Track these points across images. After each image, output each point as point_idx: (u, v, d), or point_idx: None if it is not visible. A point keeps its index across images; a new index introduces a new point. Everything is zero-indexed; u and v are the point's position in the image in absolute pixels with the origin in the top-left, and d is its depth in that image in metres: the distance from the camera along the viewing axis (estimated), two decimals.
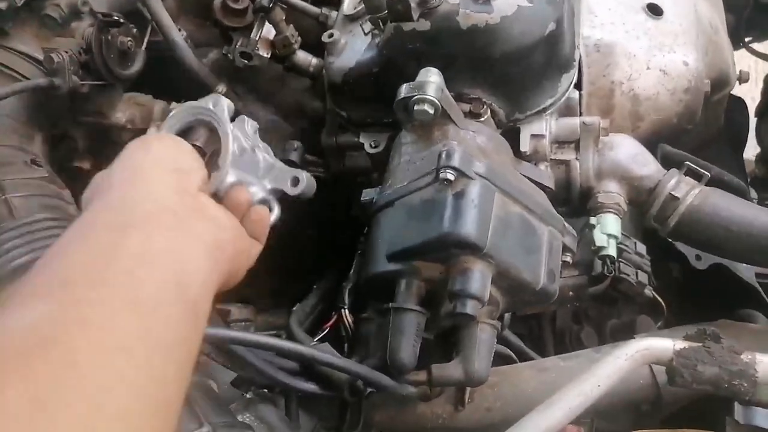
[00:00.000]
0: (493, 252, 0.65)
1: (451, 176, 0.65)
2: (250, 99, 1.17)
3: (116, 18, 0.94)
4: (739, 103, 1.62)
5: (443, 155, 0.66)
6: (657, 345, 0.67)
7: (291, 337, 0.77)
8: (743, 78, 1.31)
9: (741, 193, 1.23)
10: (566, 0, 0.85)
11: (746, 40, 1.67)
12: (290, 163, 1.09)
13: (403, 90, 0.74)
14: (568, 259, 0.76)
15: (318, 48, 1.02)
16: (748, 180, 1.63)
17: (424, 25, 0.78)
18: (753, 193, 1.62)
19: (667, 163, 1.04)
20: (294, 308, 0.85)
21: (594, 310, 1.05)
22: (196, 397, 0.59)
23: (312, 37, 1.05)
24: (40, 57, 0.92)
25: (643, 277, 0.99)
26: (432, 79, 0.74)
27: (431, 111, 0.73)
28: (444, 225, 0.65)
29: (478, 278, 0.64)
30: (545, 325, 1.02)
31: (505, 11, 0.77)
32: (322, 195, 1.21)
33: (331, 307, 0.83)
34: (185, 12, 1.30)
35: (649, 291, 1.00)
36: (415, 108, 0.73)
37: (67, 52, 0.89)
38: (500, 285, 0.69)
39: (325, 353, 0.65)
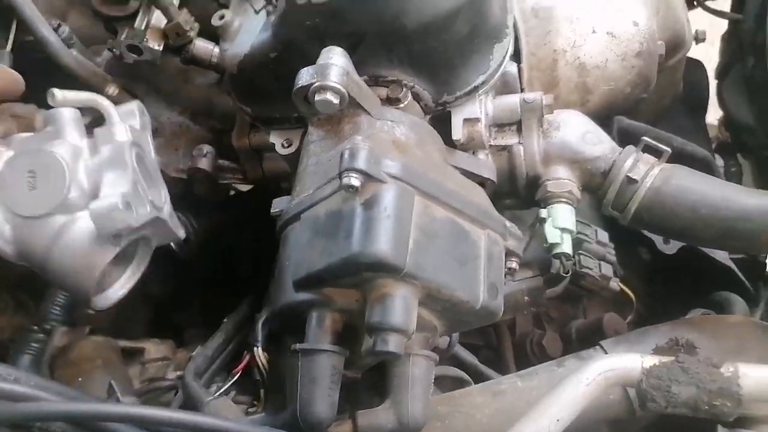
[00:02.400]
0: (416, 271, 0.52)
1: (356, 181, 0.52)
2: (151, 99, 1.02)
3: None
4: (698, 66, 1.52)
5: (345, 156, 0.53)
6: (622, 364, 0.56)
7: (185, 391, 0.63)
8: (699, 37, 1.21)
9: (707, 164, 1.13)
10: None
11: None
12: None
13: (302, 76, 0.61)
14: (514, 265, 0.64)
15: None
16: (713, 146, 1.54)
17: None
18: (720, 161, 1.54)
19: (625, 137, 0.93)
20: (194, 352, 0.71)
21: (556, 310, 0.94)
22: None
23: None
24: None
25: (607, 269, 0.89)
26: (335, 60, 0.61)
27: (335, 101, 0.60)
28: (352, 243, 0.52)
29: (400, 306, 0.52)
30: (504, 332, 0.91)
31: None
32: (255, 200, 1.09)
33: (245, 343, 0.70)
34: (77, 5, 1.15)
35: (615, 283, 0.90)
36: (316, 98, 0.60)
37: None
38: (433, 307, 0.57)
39: (211, 418, 0.51)
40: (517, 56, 0.81)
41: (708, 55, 1.61)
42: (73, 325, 0.97)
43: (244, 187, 1.17)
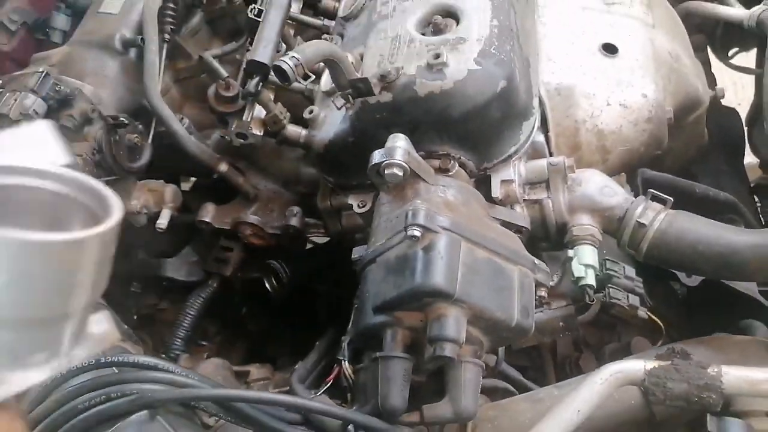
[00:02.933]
0: (464, 297, 0.71)
1: (417, 233, 0.72)
2: (251, 172, 1.27)
3: (122, 120, 1.06)
4: (732, 113, 1.66)
5: (409, 215, 0.73)
6: (629, 367, 0.71)
7: (293, 391, 0.83)
8: (719, 95, 1.36)
9: (731, 206, 1.27)
10: (518, 55, 0.93)
11: (730, 53, 1.71)
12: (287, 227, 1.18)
13: (375, 157, 0.82)
14: (543, 293, 0.81)
15: None
16: (751, 186, 1.64)
17: (387, 97, 0.87)
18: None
19: (649, 186, 1.09)
20: (296, 366, 0.92)
21: (593, 336, 1.08)
22: None
23: (300, 110, 1.15)
24: None
25: (635, 300, 1.03)
26: (399, 144, 0.82)
27: (400, 173, 0.80)
28: (416, 277, 0.71)
29: (453, 323, 0.70)
30: (546, 355, 1.06)
31: (457, 76, 0.85)
32: (329, 251, 1.31)
33: (333, 361, 0.90)
34: (189, 98, 1.44)
35: (642, 312, 1.04)
36: (386, 172, 0.81)
37: (81, 155, 1.00)
38: (479, 326, 0.75)
39: (318, 403, 0.71)
40: (545, 126, 1.00)
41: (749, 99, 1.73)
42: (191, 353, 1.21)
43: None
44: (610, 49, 1.06)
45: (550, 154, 1.00)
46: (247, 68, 1.08)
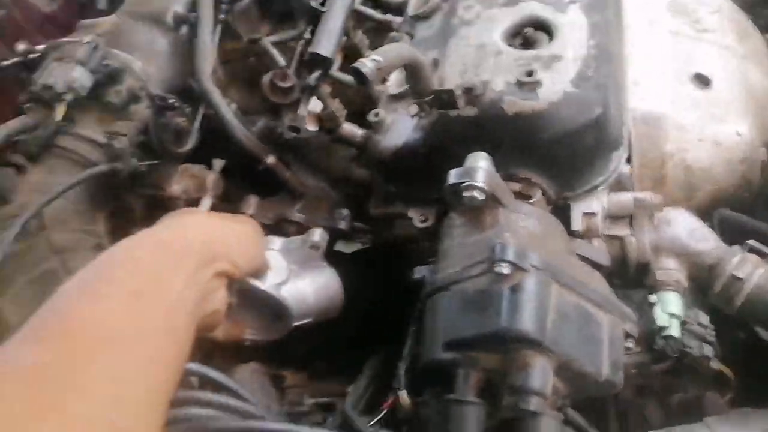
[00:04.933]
0: (552, 346, 0.64)
1: (506, 270, 0.65)
2: (299, 167, 1.19)
3: (171, 102, 0.98)
4: None
5: (498, 249, 0.66)
6: None
7: (346, 421, 0.76)
8: None
9: None
10: (612, 76, 0.85)
11: None
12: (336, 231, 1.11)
13: (452, 176, 0.74)
14: (631, 344, 0.73)
15: (362, 114, 1.03)
16: None
17: (471, 111, 0.79)
18: None
19: (725, 226, 1.01)
20: (348, 389, 0.85)
21: (660, 383, 1.01)
22: None
23: (354, 106, 1.07)
24: (102, 140, 0.97)
25: (708, 350, 0.95)
26: (481, 164, 0.74)
27: (480, 197, 0.72)
28: (501, 319, 0.64)
29: (539, 374, 0.63)
30: (608, 400, 0.98)
31: (552, 98, 0.77)
32: (372, 264, 1.23)
33: (384, 386, 0.82)
34: (235, 82, 1.36)
35: (715, 363, 0.96)
36: (464, 194, 0.73)
37: (125, 135, 0.93)
38: (564, 376, 0.67)
39: None
40: (628, 158, 0.92)
41: None
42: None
43: None
44: (702, 80, 0.98)
45: (633, 187, 0.92)
46: (308, 61, 1.00)
